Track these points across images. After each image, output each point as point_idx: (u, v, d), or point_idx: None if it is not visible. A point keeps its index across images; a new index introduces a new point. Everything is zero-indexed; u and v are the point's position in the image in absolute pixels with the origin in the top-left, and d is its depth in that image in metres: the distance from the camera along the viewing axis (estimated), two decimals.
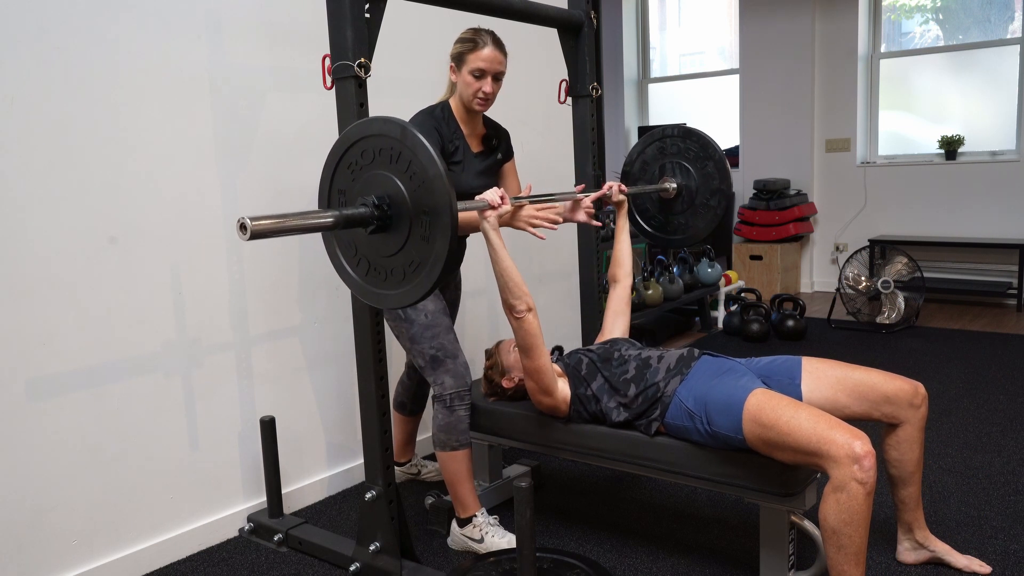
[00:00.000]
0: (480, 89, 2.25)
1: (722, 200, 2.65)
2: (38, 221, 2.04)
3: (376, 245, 1.74)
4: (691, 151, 2.70)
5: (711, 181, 2.66)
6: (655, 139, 2.78)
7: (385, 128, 1.68)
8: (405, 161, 1.65)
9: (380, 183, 1.69)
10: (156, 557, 2.32)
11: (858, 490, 1.63)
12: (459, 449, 2.27)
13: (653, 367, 2.05)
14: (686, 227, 2.75)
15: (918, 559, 2.11)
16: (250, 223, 1.49)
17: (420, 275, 1.67)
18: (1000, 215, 5.56)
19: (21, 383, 2.03)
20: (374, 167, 1.71)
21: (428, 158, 1.61)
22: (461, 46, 2.26)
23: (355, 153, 1.75)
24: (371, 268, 1.77)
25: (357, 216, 1.68)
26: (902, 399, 1.95)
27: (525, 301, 2.01)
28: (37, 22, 2.01)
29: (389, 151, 1.67)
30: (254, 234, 1.50)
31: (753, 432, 1.79)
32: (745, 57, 6.51)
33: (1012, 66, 5.55)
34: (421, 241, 1.65)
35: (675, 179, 2.72)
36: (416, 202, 1.64)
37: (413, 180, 1.64)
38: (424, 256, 1.65)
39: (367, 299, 1.81)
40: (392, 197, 1.68)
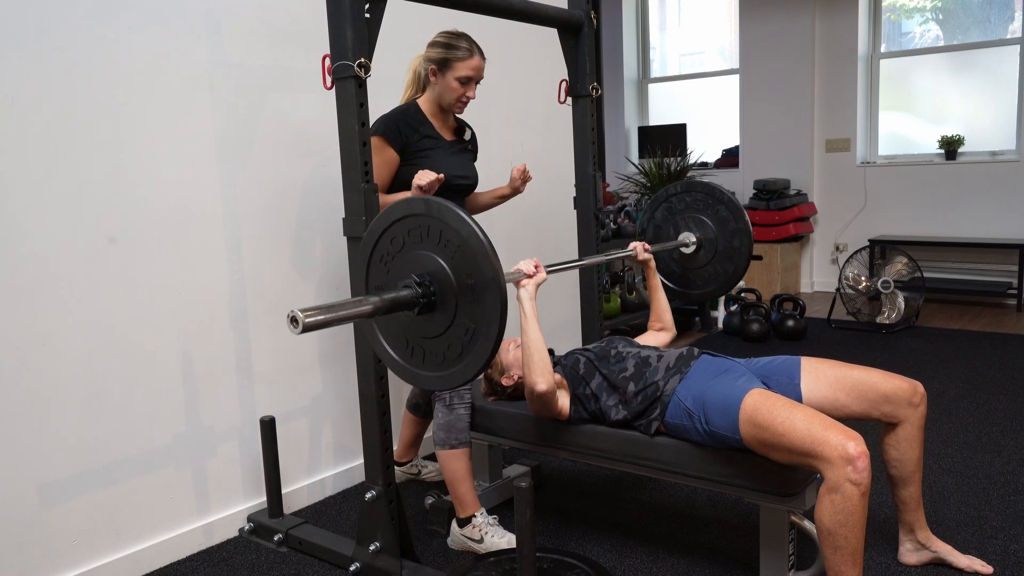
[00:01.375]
0: (464, 94, 2.34)
1: (745, 238, 2.63)
2: (38, 221, 2.04)
3: (423, 326, 1.68)
4: (699, 202, 2.70)
5: (728, 224, 2.65)
6: (660, 201, 2.79)
7: (409, 208, 1.65)
8: (436, 233, 1.61)
9: (416, 263, 1.65)
10: (156, 557, 2.32)
11: (852, 491, 1.63)
12: (459, 447, 2.27)
13: (652, 366, 2.05)
14: (717, 275, 2.71)
15: (920, 560, 2.10)
16: (302, 317, 1.45)
17: (476, 342, 1.61)
18: (1000, 215, 5.55)
19: (21, 383, 2.03)
20: (406, 250, 1.67)
21: (459, 220, 1.57)
22: (447, 52, 2.30)
23: (384, 244, 1.72)
24: (424, 352, 1.71)
25: (402, 299, 1.62)
26: (901, 398, 1.95)
27: (547, 380, 1.98)
28: (37, 22, 2.01)
29: (419, 230, 1.64)
30: (306, 327, 1.46)
31: (749, 432, 1.79)
32: (745, 57, 6.51)
33: (1012, 66, 5.55)
34: (471, 306, 1.59)
35: (692, 232, 2.71)
36: (457, 270, 1.60)
37: (448, 248, 1.60)
38: (477, 321, 1.59)
39: (424, 384, 1.75)
40: (432, 273, 1.63)
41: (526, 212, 2.70)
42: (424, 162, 2.33)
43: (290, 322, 1.46)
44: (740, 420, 1.81)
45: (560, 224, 3.68)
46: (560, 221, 3.66)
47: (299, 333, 1.46)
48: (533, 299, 1.99)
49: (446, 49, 2.29)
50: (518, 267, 2.01)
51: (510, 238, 3.44)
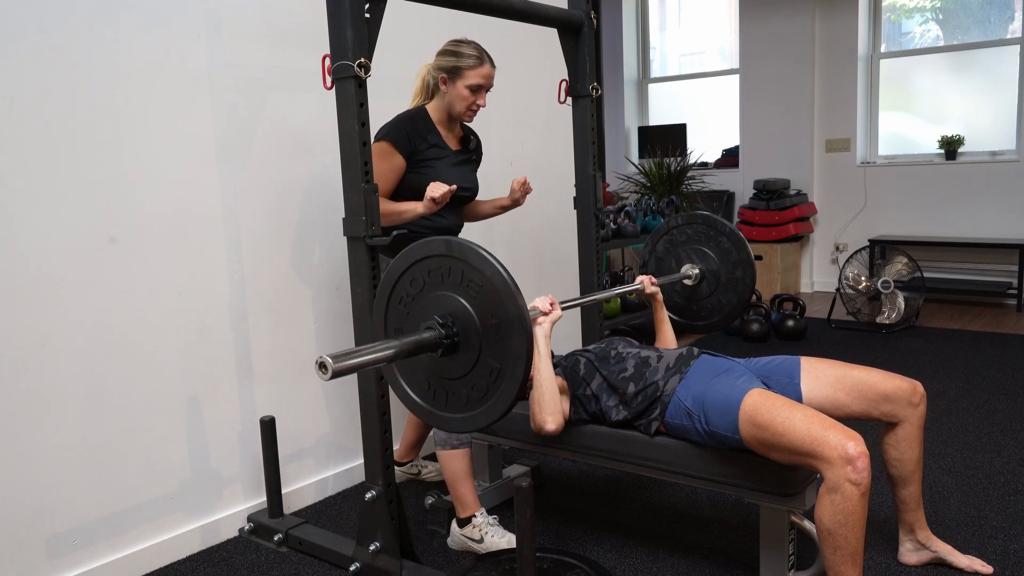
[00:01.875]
0: (474, 102, 2.34)
1: (748, 269, 2.63)
2: (38, 221, 2.04)
3: (446, 367, 1.66)
4: (700, 234, 2.70)
5: (730, 255, 2.66)
6: (662, 234, 2.79)
7: (429, 249, 1.64)
8: (458, 273, 1.60)
9: (437, 304, 1.64)
10: (156, 557, 2.32)
11: (852, 491, 1.63)
12: (459, 448, 2.27)
13: (652, 366, 2.05)
14: (721, 306, 2.71)
15: (920, 560, 2.10)
16: (331, 363, 1.44)
17: (501, 382, 1.59)
18: (1000, 215, 5.55)
19: (21, 383, 2.03)
20: (426, 291, 1.66)
21: (482, 260, 1.56)
22: (457, 60, 2.29)
23: (404, 286, 1.70)
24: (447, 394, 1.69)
25: (425, 341, 1.60)
26: (901, 397, 1.95)
27: (556, 421, 1.96)
28: (37, 22, 2.01)
29: (439, 271, 1.63)
30: (335, 372, 1.45)
31: (749, 432, 1.79)
32: (745, 57, 6.51)
33: (1012, 66, 5.55)
34: (496, 346, 1.57)
35: (695, 264, 2.71)
36: (481, 311, 1.58)
37: (471, 288, 1.58)
38: (503, 361, 1.57)
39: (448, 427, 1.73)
40: (455, 314, 1.61)
41: (526, 213, 2.70)
42: (428, 171, 2.33)
43: (319, 368, 1.46)
44: (740, 420, 1.81)
45: (560, 224, 3.68)
46: (560, 221, 3.66)
47: (328, 379, 1.46)
48: (548, 337, 1.99)
49: (456, 57, 2.29)
50: (534, 304, 2.01)
51: (510, 239, 3.44)
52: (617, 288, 2.50)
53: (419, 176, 2.33)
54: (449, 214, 2.44)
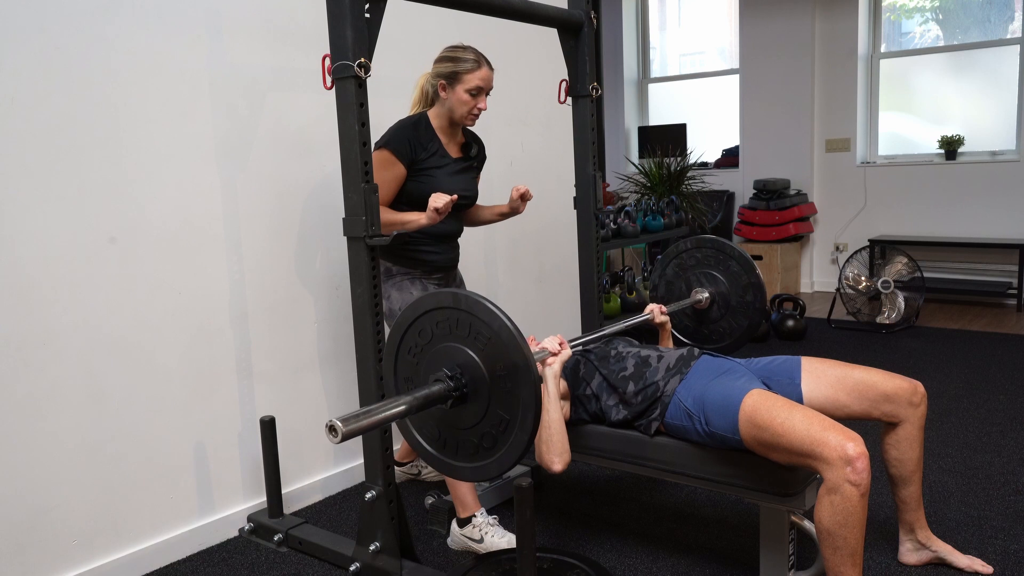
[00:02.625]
0: (475, 106, 2.32)
1: (758, 293, 2.62)
2: (38, 221, 2.04)
3: (456, 418, 1.67)
4: (710, 258, 2.70)
5: (739, 279, 2.65)
6: (672, 257, 2.79)
7: (437, 301, 1.65)
8: (465, 325, 1.61)
9: (446, 355, 1.65)
10: (156, 557, 2.32)
11: (851, 492, 1.63)
12: None
13: (653, 366, 2.05)
14: (732, 330, 2.70)
15: (920, 560, 2.11)
16: (341, 426, 1.45)
17: (511, 433, 1.60)
18: (1000, 215, 5.55)
19: (21, 383, 2.03)
20: (435, 343, 1.67)
21: (489, 314, 1.57)
22: (455, 65, 2.28)
23: (412, 336, 1.71)
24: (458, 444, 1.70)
25: (435, 395, 1.61)
26: (901, 398, 1.95)
27: (563, 461, 1.94)
28: (37, 22, 2.01)
29: (447, 322, 1.64)
30: (344, 436, 1.45)
31: (749, 433, 1.79)
32: (745, 57, 6.51)
33: (1012, 66, 5.55)
34: (505, 397, 1.58)
35: (705, 288, 2.71)
36: (489, 362, 1.59)
37: (479, 340, 1.59)
38: (512, 412, 1.58)
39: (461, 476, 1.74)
40: (464, 366, 1.62)
41: (527, 213, 2.70)
42: (428, 180, 2.32)
43: (328, 431, 1.46)
44: (740, 421, 1.81)
45: (560, 224, 3.68)
46: (560, 221, 3.66)
47: (338, 442, 1.46)
48: (558, 377, 1.99)
49: (454, 63, 2.28)
50: (543, 345, 2.00)
51: (511, 239, 3.44)
52: (626, 321, 2.45)
53: (419, 184, 2.33)
54: (449, 220, 2.43)
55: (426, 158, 2.34)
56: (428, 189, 2.28)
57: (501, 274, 3.37)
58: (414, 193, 2.32)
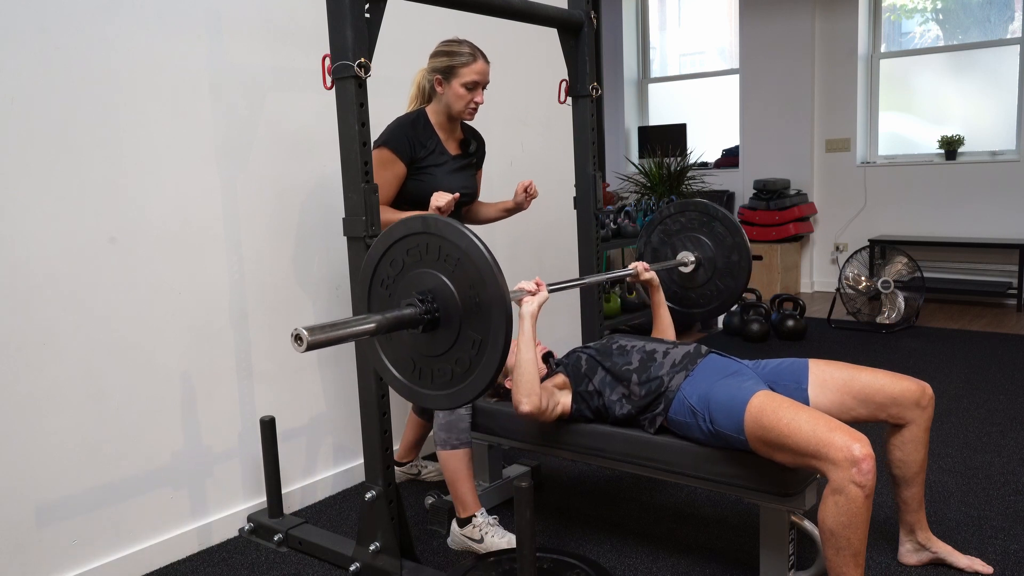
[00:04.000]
0: (472, 100, 2.31)
1: (744, 253, 2.62)
2: (38, 221, 2.04)
3: (428, 345, 1.67)
4: (694, 220, 2.70)
5: (725, 240, 2.64)
6: (655, 224, 2.79)
7: (407, 228, 1.64)
8: (435, 249, 1.60)
9: (417, 282, 1.64)
10: (156, 557, 2.32)
11: (857, 493, 1.63)
12: (460, 448, 2.27)
13: (658, 361, 2.04)
14: (720, 292, 2.70)
15: (920, 560, 2.10)
16: (306, 335, 1.45)
17: (484, 353, 1.59)
18: (1000, 215, 5.55)
19: (21, 383, 2.03)
20: (406, 271, 1.66)
21: (457, 234, 1.56)
22: (450, 59, 2.28)
23: (384, 268, 1.70)
24: (432, 372, 1.69)
25: (406, 317, 1.60)
26: (909, 400, 1.95)
27: (532, 402, 1.96)
28: (37, 22, 2.01)
29: (417, 249, 1.63)
30: (310, 345, 1.45)
31: (754, 434, 1.79)
32: (745, 57, 6.51)
33: (1012, 66, 5.55)
34: (477, 319, 1.57)
35: (691, 252, 2.70)
36: (460, 284, 1.58)
37: (448, 262, 1.58)
38: (484, 333, 1.57)
39: (433, 405, 1.73)
40: (435, 290, 1.61)
41: (527, 213, 2.70)
42: (427, 179, 2.32)
43: (294, 340, 1.46)
44: (745, 421, 1.80)
45: (560, 224, 3.68)
46: (560, 221, 3.66)
47: (303, 351, 1.46)
48: (535, 318, 1.98)
49: (449, 57, 2.28)
50: (520, 285, 2.00)
51: (511, 239, 3.44)
52: (609, 273, 2.48)
53: (418, 183, 2.32)
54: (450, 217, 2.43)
55: (425, 156, 2.33)
56: (428, 187, 2.28)
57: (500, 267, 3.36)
58: (414, 192, 2.32)
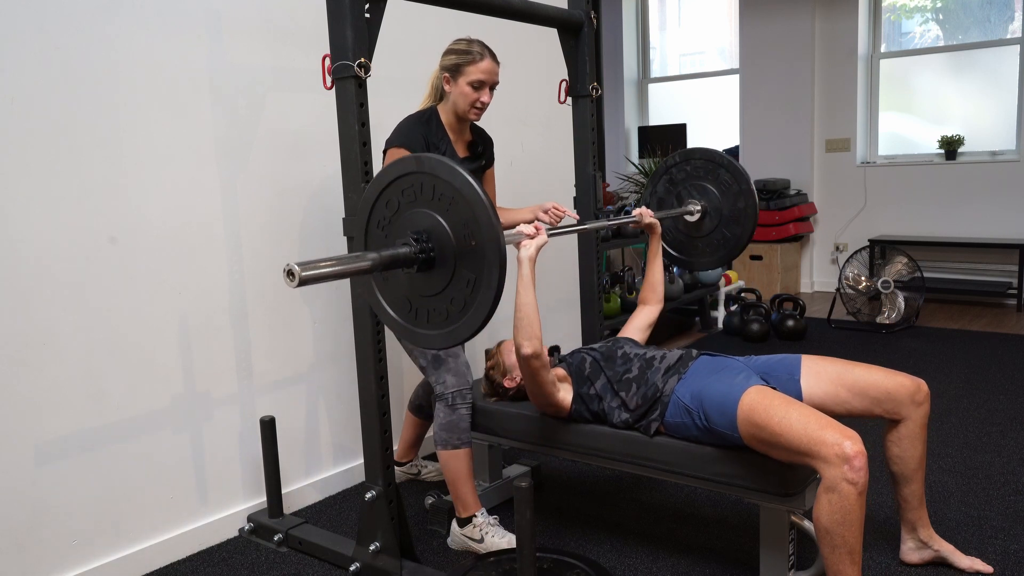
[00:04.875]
0: (478, 99, 2.29)
1: (750, 199, 2.60)
2: (38, 221, 2.04)
3: (423, 284, 1.67)
4: (700, 169, 2.68)
5: (731, 188, 2.63)
6: (661, 173, 2.77)
7: (401, 168, 1.64)
8: (429, 188, 1.60)
9: (412, 222, 1.64)
10: (156, 557, 2.32)
11: (849, 490, 1.63)
12: (460, 448, 2.27)
13: (655, 367, 2.05)
14: (726, 240, 2.68)
15: (922, 558, 2.10)
16: (298, 270, 1.44)
17: (479, 292, 1.59)
18: (1000, 215, 5.55)
19: (21, 383, 2.03)
20: (401, 212, 1.66)
21: (450, 172, 1.56)
22: (458, 58, 2.26)
23: (380, 210, 1.70)
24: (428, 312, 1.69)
25: (401, 256, 1.61)
26: (903, 395, 1.95)
27: (533, 345, 1.96)
28: (37, 22, 2.01)
29: (411, 189, 1.63)
30: (303, 280, 1.45)
31: (748, 431, 1.79)
32: (745, 57, 6.51)
33: (1012, 66, 5.55)
34: (471, 257, 1.58)
35: (697, 201, 2.69)
36: (454, 223, 1.58)
37: (442, 201, 1.58)
38: (478, 271, 1.58)
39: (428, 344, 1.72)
40: (430, 230, 1.61)
41: None
42: None
43: (286, 275, 1.45)
44: (738, 418, 1.81)
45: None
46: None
47: (295, 286, 1.45)
48: (533, 262, 1.97)
49: (457, 55, 2.26)
50: (519, 228, 1.99)
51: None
52: (614, 219, 2.46)
53: None
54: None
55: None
56: None
57: None
58: None
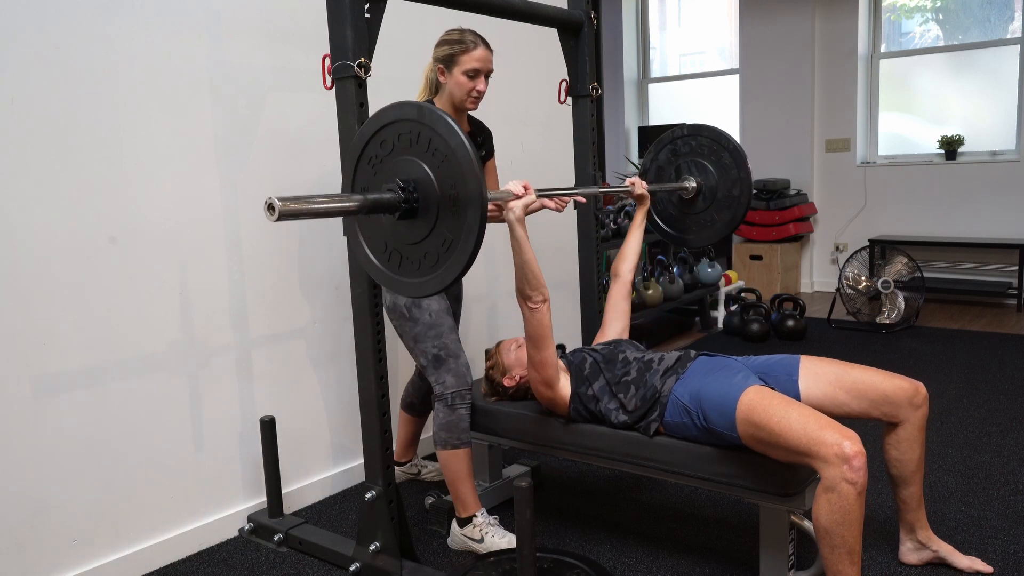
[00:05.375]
0: (474, 88, 2.29)
1: (746, 189, 2.59)
2: (38, 221, 2.04)
3: (403, 232, 1.68)
4: (704, 147, 2.66)
5: (730, 172, 2.62)
6: (666, 143, 2.75)
7: (401, 112, 1.65)
8: (425, 140, 1.61)
9: (402, 168, 1.65)
10: (156, 557, 2.32)
11: (848, 490, 1.63)
12: (460, 448, 2.27)
13: (653, 368, 2.06)
14: (714, 222, 2.67)
15: (921, 559, 2.10)
16: (279, 204, 1.44)
17: (452, 253, 1.61)
18: (1000, 215, 5.55)
19: (22, 383, 2.03)
20: (394, 155, 1.67)
21: (448, 130, 1.57)
22: (450, 48, 2.27)
23: (374, 147, 1.71)
24: (401, 258, 1.71)
25: (384, 201, 1.62)
26: (901, 398, 1.95)
27: (542, 292, 2.00)
28: (37, 22, 2.01)
29: (408, 135, 1.64)
30: (282, 215, 1.45)
31: (747, 431, 1.80)
32: (745, 57, 6.51)
33: (1012, 66, 5.55)
34: (452, 217, 1.59)
35: (694, 177, 2.68)
36: (441, 179, 1.59)
37: (435, 156, 1.60)
38: (456, 232, 1.59)
39: (398, 290, 1.74)
40: (417, 181, 1.63)
41: None
42: None
43: (267, 209, 1.45)
44: (737, 418, 1.81)
45: (560, 224, 3.68)
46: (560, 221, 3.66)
47: (275, 220, 1.44)
48: (522, 222, 1.96)
49: (449, 45, 2.27)
50: (507, 187, 1.97)
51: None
52: (609, 187, 2.47)
53: None
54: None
55: None
56: None
57: (501, 274, 3.37)
58: None
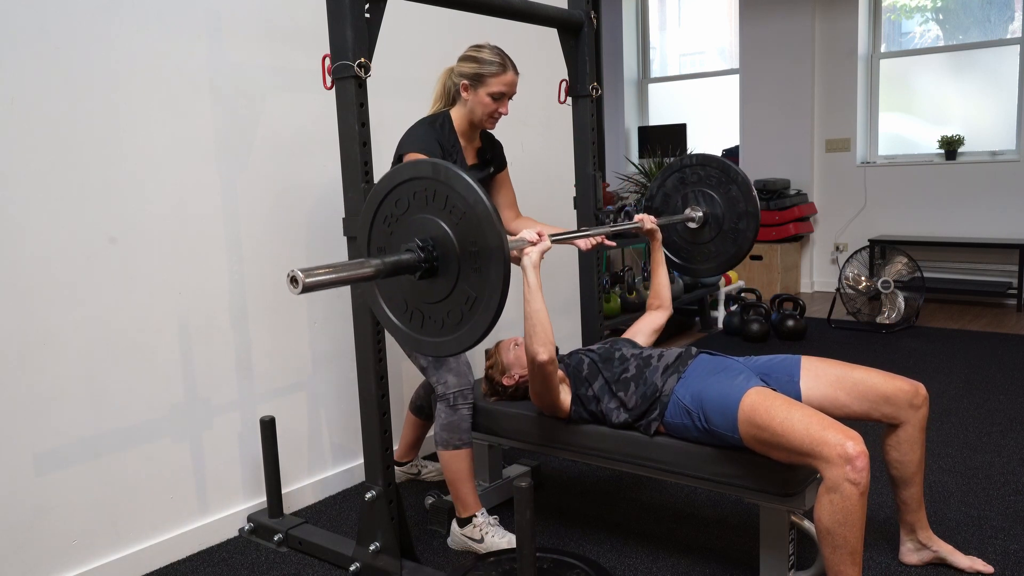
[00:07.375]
0: (496, 110, 2.28)
1: (752, 223, 2.58)
2: (38, 221, 2.04)
3: (424, 291, 1.66)
4: (712, 177, 2.66)
5: (737, 205, 2.61)
6: (674, 170, 2.75)
7: (416, 171, 1.63)
8: (442, 197, 1.59)
9: (420, 227, 1.63)
10: (156, 557, 2.32)
11: (851, 490, 1.63)
12: (461, 448, 2.27)
13: (653, 365, 2.05)
14: (719, 254, 2.67)
15: (921, 560, 2.10)
16: (303, 277, 1.44)
17: (476, 311, 1.59)
18: (1000, 215, 5.55)
19: (22, 383, 2.03)
20: (410, 213, 1.65)
21: (466, 187, 1.55)
22: (482, 67, 2.23)
23: (388, 206, 1.69)
24: (424, 317, 1.68)
25: (404, 263, 1.60)
26: (902, 400, 1.95)
27: (548, 351, 1.97)
28: (37, 22, 2.02)
29: (424, 193, 1.62)
30: (306, 287, 1.45)
31: (748, 432, 1.79)
32: (745, 57, 6.51)
33: (1012, 66, 5.55)
34: (474, 274, 1.57)
35: (700, 208, 2.68)
36: (462, 237, 1.57)
37: (454, 213, 1.57)
38: (479, 290, 1.57)
39: (423, 350, 1.72)
40: (436, 239, 1.61)
41: (526, 213, 2.70)
42: None
43: (290, 282, 1.45)
44: (739, 420, 1.81)
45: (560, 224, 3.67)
46: (560, 221, 3.66)
47: (299, 293, 1.45)
48: (537, 268, 1.96)
49: (478, 64, 2.23)
50: (521, 235, 1.98)
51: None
52: (614, 225, 2.46)
53: None
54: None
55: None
56: None
57: None
58: None
